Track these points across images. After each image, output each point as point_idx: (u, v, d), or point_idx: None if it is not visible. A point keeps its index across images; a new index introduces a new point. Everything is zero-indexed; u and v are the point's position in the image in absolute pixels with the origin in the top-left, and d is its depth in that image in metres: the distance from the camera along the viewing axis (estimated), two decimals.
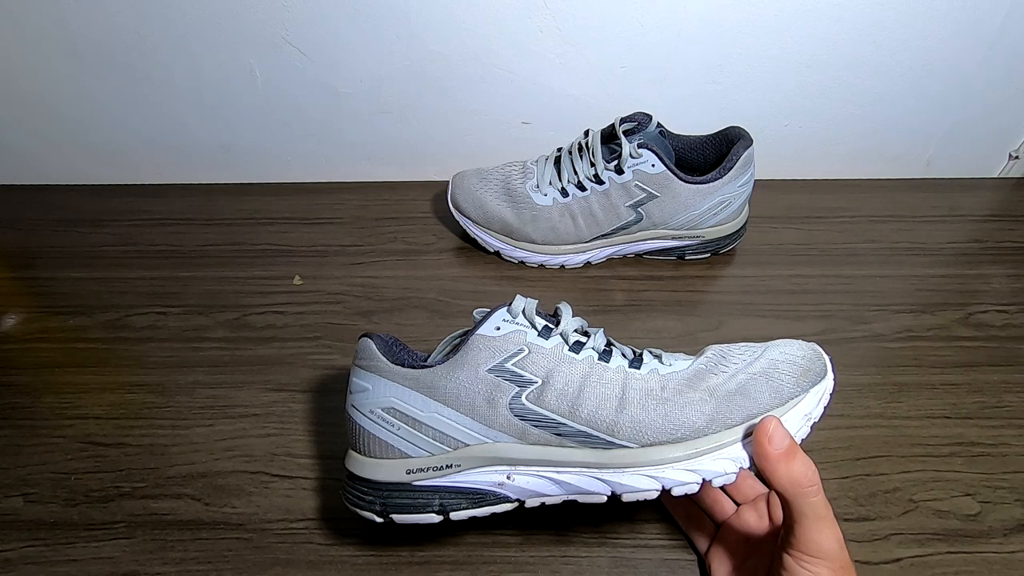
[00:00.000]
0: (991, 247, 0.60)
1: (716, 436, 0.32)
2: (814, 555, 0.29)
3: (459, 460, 0.33)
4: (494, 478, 0.33)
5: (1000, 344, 0.51)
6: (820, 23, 0.58)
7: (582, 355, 0.34)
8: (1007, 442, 0.43)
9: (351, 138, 0.68)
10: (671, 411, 0.32)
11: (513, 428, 0.33)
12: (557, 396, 0.32)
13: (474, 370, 0.33)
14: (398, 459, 0.34)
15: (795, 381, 0.32)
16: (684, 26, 0.58)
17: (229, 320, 0.54)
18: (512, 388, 0.32)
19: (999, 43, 0.59)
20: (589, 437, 0.32)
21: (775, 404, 0.32)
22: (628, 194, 0.54)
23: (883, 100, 0.64)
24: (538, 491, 0.33)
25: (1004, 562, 0.37)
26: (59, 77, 0.63)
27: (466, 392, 0.33)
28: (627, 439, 0.32)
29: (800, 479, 0.29)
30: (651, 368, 0.34)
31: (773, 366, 0.33)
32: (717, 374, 0.33)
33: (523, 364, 0.33)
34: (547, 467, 0.33)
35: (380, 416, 0.34)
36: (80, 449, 0.44)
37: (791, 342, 0.35)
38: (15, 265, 0.62)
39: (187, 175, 0.71)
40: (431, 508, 0.33)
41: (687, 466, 0.31)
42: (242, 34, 0.60)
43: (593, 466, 0.32)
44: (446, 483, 0.34)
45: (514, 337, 0.33)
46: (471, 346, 0.33)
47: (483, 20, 0.58)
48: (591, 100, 0.63)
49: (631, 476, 0.32)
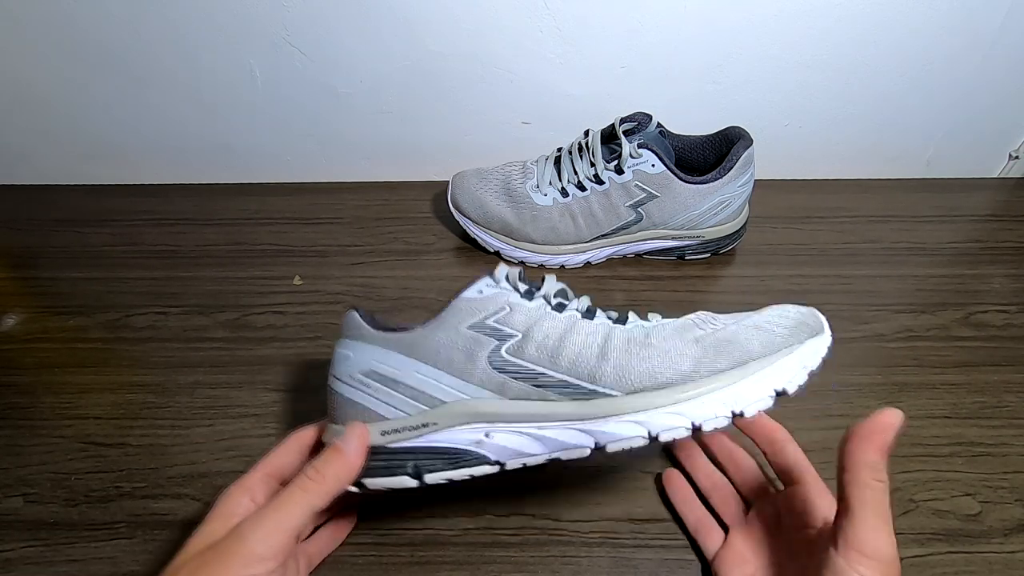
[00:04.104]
0: (991, 247, 0.60)
1: (704, 381, 0.31)
2: (870, 556, 0.27)
3: (435, 418, 0.32)
4: (471, 436, 0.32)
5: (1000, 344, 0.51)
6: (820, 23, 0.58)
7: (565, 314, 0.33)
8: (1007, 442, 0.43)
9: (351, 138, 0.68)
10: (655, 355, 0.31)
11: (492, 382, 0.32)
12: (537, 347, 0.32)
13: (454, 328, 0.32)
14: (374, 422, 0.33)
15: (788, 333, 0.32)
16: (684, 26, 0.58)
17: (229, 320, 0.54)
18: (492, 342, 0.32)
19: (999, 43, 0.59)
20: (570, 386, 0.31)
21: (766, 352, 0.31)
22: (628, 194, 0.54)
23: (883, 100, 0.64)
24: (519, 449, 0.32)
25: (1004, 562, 0.37)
26: (59, 77, 0.63)
27: (444, 348, 0.32)
28: (610, 386, 0.31)
29: (879, 467, 0.28)
30: (636, 323, 0.33)
31: (765, 320, 0.32)
32: (704, 328, 0.32)
33: (504, 320, 0.32)
34: (527, 423, 0.32)
35: (359, 380, 0.33)
36: (80, 449, 0.44)
37: (784, 305, 0.34)
38: (15, 265, 0.62)
39: (187, 175, 0.71)
40: (404, 471, 0.32)
41: (674, 409, 0.30)
42: (242, 34, 0.60)
43: (575, 418, 0.31)
44: (421, 443, 0.33)
45: (496, 298, 0.33)
46: (453, 307, 0.33)
47: (483, 20, 0.58)
48: (591, 100, 0.63)
49: (615, 424, 0.31)
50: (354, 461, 0.32)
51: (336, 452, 0.32)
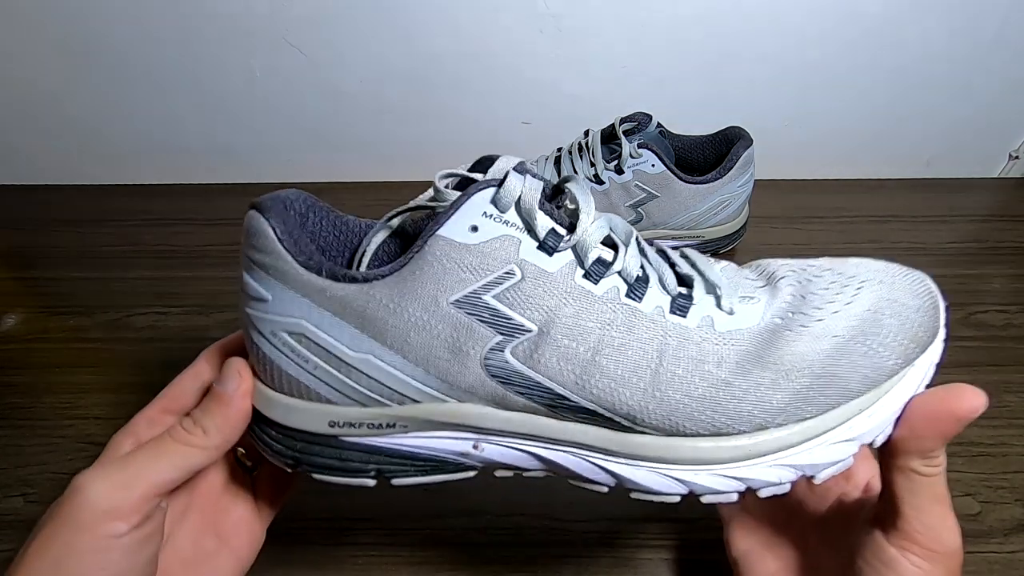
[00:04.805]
0: (991, 247, 0.60)
1: (777, 434, 0.22)
2: (931, 548, 0.22)
3: (405, 420, 0.24)
4: (456, 446, 0.24)
5: (1000, 344, 0.50)
6: (820, 23, 0.58)
7: (603, 286, 0.22)
8: (1007, 442, 0.43)
9: (351, 138, 0.68)
10: (725, 400, 0.22)
11: (487, 391, 0.23)
12: (561, 356, 0.22)
13: (431, 299, 0.22)
14: (317, 403, 0.24)
15: (903, 349, 0.22)
16: (684, 26, 0.58)
17: (229, 320, 0.54)
18: (491, 336, 0.22)
19: (999, 43, 0.59)
20: (599, 417, 0.23)
21: (866, 388, 0.22)
22: (628, 194, 0.54)
23: (883, 100, 0.64)
24: (514, 464, 0.25)
25: (1004, 562, 0.37)
26: (59, 77, 0.63)
27: (417, 332, 0.22)
28: (651, 425, 0.22)
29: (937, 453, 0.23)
30: (703, 317, 0.23)
31: (875, 321, 0.22)
32: (796, 333, 0.22)
33: (511, 298, 0.22)
34: (532, 441, 0.24)
35: (285, 343, 0.23)
36: (80, 449, 0.44)
37: (895, 273, 0.24)
38: (15, 265, 0.62)
39: (187, 175, 0.71)
40: (365, 473, 0.25)
41: (727, 471, 0.22)
42: (242, 34, 0.60)
43: (596, 450, 0.23)
44: (387, 444, 0.24)
45: (499, 248, 0.22)
46: (429, 255, 0.21)
47: (483, 20, 0.58)
48: (591, 100, 0.63)
49: (648, 473, 0.23)
50: (239, 407, 0.25)
51: (215, 400, 0.25)
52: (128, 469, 0.23)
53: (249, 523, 0.30)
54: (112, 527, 0.22)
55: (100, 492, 0.22)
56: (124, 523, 0.22)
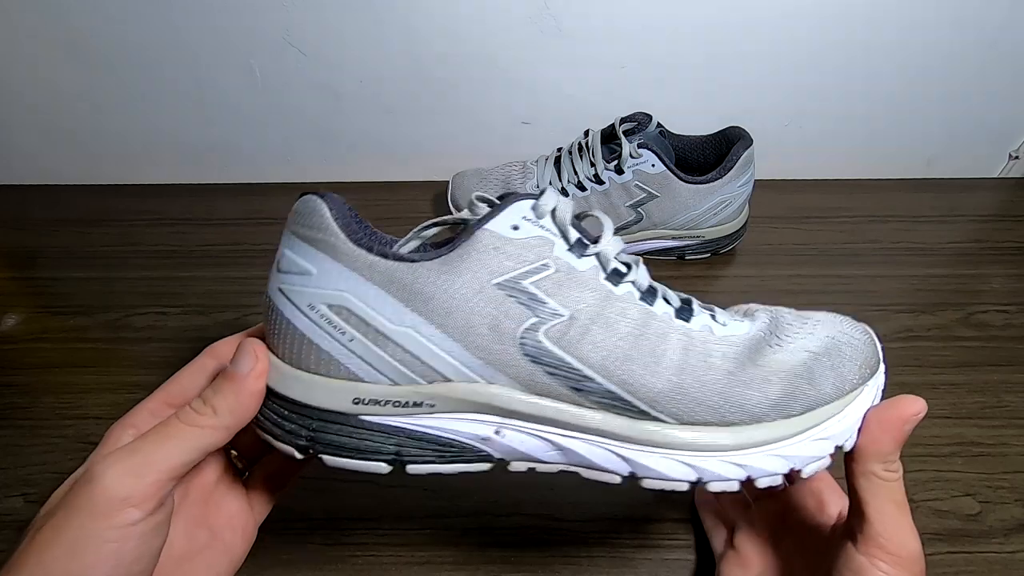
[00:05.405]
0: (991, 247, 0.60)
1: (773, 426, 0.25)
2: (896, 553, 0.25)
3: (434, 398, 0.25)
4: (478, 430, 0.25)
5: (1000, 344, 0.51)
6: (820, 23, 0.58)
7: (621, 289, 0.26)
8: (1007, 442, 0.43)
9: (351, 138, 0.68)
10: (731, 388, 0.25)
11: (518, 370, 0.25)
12: (590, 340, 0.25)
13: (478, 279, 0.24)
14: (343, 380, 0.25)
15: (858, 369, 0.26)
16: (684, 26, 0.58)
17: (229, 320, 0.54)
18: (527, 316, 0.24)
19: (999, 43, 0.59)
20: (619, 402, 0.25)
21: (836, 395, 0.26)
22: (628, 194, 0.54)
23: (883, 100, 0.64)
24: (531, 455, 0.26)
25: (1004, 562, 0.37)
26: (59, 77, 0.63)
27: (463, 308, 0.24)
28: (668, 413, 0.25)
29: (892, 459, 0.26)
30: (703, 324, 0.27)
31: (835, 346, 0.27)
32: (775, 347, 0.26)
33: (547, 286, 0.24)
34: (552, 428, 0.26)
35: (324, 316, 0.24)
36: (80, 449, 0.44)
37: (841, 319, 0.29)
38: (15, 265, 0.62)
39: (187, 175, 0.71)
40: (381, 456, 0.25)
41: (733, 458, 0.25)
42: (242, 34, 0.60)
43: (613, 437, 0.25)
44: (409, 425, 0.25)
45: (537, 245, 0.25)
46: (476, 243, 0.24)
47: (483, 20, 0.58)
48: (591, 100, 0.63)
49: (661, 459, 0.25)
50: (252, 387, 0.25)
51: (228, 380, 0.25)
52: (140, 454, 0.23)
53: (242, 519, 0.30)
54: (128, 514, 0.22)
55: (115, 478, 0.22)
56: (139, 510, 0.22)
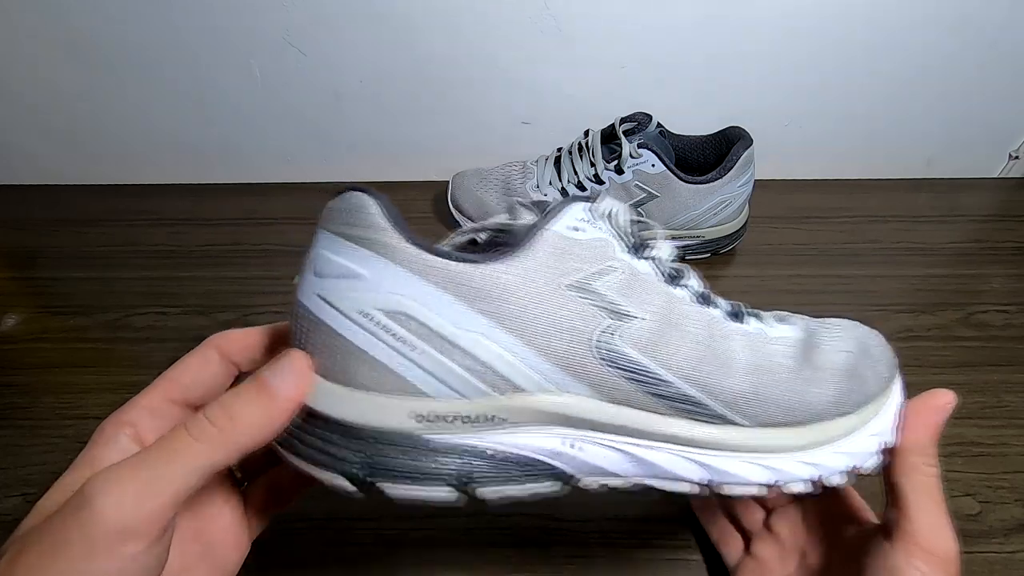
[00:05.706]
0: (991, 247, 0.60)
1: (834, 424, 0.25)
2: (933, 551, 0.24)
3: (507, 411, 0.23)
4: (550, 444, 0.24)
5: (1000, 344, 0.50)
6: (820, 23, 0.58)
7: (680, 292, 0.25)
8: (1007, 442, 0.43)
9: (351, 138, 0.68)
10: (798, 387, 0.25)
11: (596, 377, 0.23)
12: (665, 344, 0.23)
13: (550, 281, 0.22)
14: (399, 395, 0.22)
15: (886, 368, 0.27)
16: (684, 26, 0.58)
17: (229, 320, 0.54)
18: (603, 319, 0.23)
19: (999, 43, 0.59)
20: (696, 406, 0.24)
21: (878, 390, 0.26)
22: (628, 194, 0.54)
23: (883, 100, 0.64)
24: (606, 468, 0.24)
25: (1004, 562, 0.37)
26: (59, 77, 0.63)
27: (538, 312, 0.22)
28: (745, 414, 0.24)
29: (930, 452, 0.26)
30: (756, 327, 0.26)
31: (865, 347, 0.27)
32: (820, 348, 0.26)
33: (618, 287, 0.23)
34: (628, 437, 0.24)
35: (380, 323, 0.21)
36: (80, 449, 0.44)
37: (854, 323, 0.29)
38: (15, 265, 0.62)
39: (187, 175, 0.71)
40: (444, 479, 0.23)
41: (804, 458, 0.25)
42: (242, 34, 0.60)
43: (691, 443, 0.24)
44: (478, 443, 0.23)
45: (601, 246, 0.23)
46: (544, 244, 0.22)
47: (483, 20, 0.58)
48: (591, 100, 0.63)
49: (741, 463, 0.24)
50: (287, 406, 0.21)
51: (261, 390, 0.21)
52: (143, 475, 0.20)
53: (236, 533, 0.28)
54: (129, 547, 0.19)
55: (114, 505, 0.19)
56: (142, 542, 0.19)
